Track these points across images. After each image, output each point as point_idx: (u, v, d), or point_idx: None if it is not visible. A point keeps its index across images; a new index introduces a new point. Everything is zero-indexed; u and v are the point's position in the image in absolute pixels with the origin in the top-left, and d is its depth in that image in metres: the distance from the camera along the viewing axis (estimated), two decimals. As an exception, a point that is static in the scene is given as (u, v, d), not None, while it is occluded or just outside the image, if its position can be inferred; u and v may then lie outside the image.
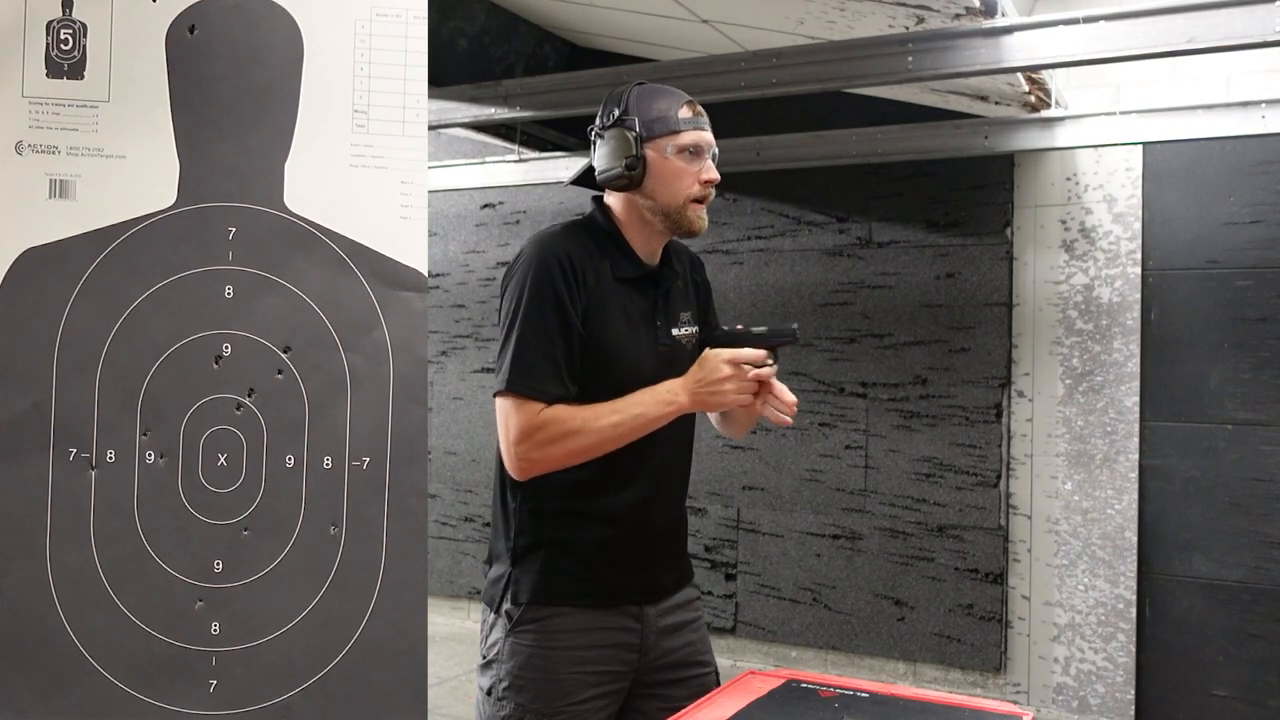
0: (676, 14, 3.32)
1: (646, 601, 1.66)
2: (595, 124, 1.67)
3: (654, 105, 1.62)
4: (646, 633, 1.65)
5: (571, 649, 1.60)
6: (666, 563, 1.71)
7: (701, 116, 1.64)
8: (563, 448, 1.54)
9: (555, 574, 1.61)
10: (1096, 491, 3.74)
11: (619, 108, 1.63)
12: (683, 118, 1.62)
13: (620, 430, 1.55)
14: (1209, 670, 3.57)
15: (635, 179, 1.61)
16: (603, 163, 1.63)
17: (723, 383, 1.55)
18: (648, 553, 1.66)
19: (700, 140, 1.62)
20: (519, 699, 1.59)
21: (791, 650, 4.22)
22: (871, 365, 4.08)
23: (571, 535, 1.62)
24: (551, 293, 1.57)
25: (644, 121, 1.61)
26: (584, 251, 1.62)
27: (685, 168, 1.61)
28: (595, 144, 1.66)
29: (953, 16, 2.74)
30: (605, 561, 1.62)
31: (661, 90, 1.65)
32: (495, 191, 4.88)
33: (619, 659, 1.63)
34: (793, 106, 3.88)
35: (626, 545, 1.63)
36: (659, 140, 1.60)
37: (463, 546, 4.94)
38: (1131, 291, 3.67)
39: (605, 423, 1.54)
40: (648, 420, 1.56)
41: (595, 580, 1.62)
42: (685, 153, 1.61)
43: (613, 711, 1.65)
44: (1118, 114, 3.47)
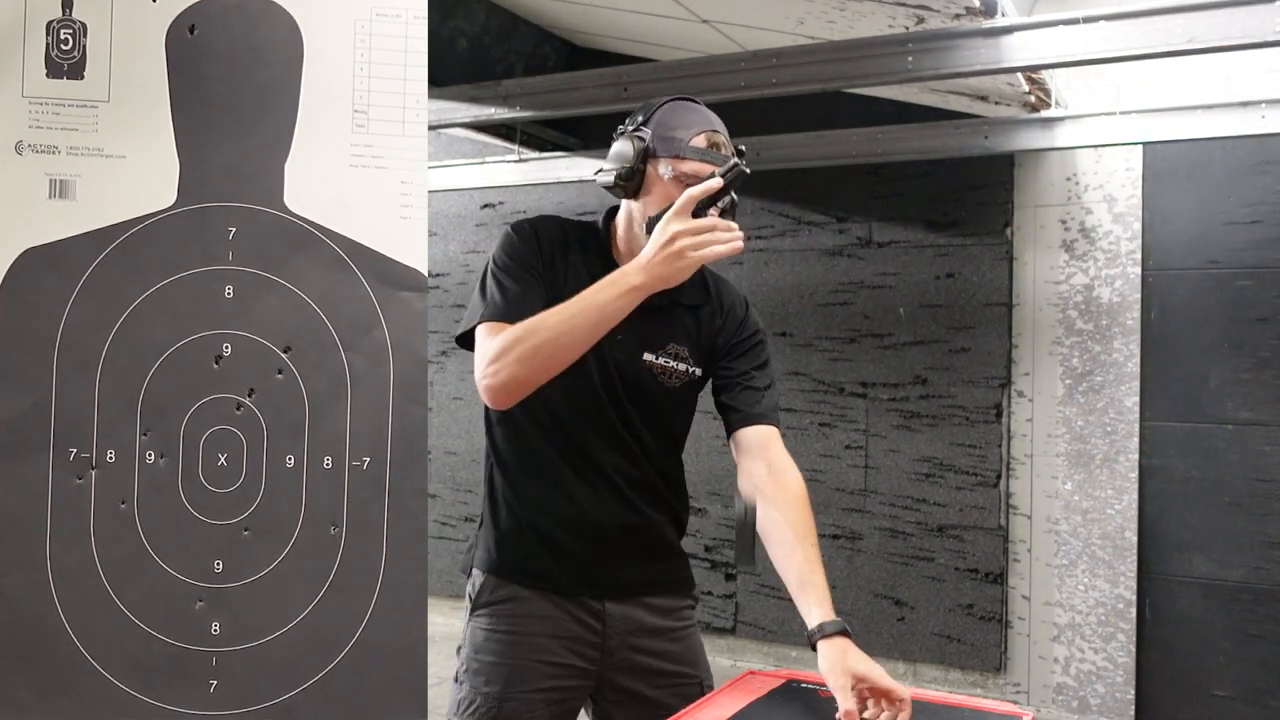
0: (676, 14, 3.32)
1: (605, 596, 1.65)
2: (621, 125, 1.66)
3: (672, 123, 1.59)
4: (609, 633, 1.64)
5: (528, 634, 1.61)
6: (627, 565, 1.67)
7: (715, 150, 1.58)
8: (519, 351, 1.47)
9: (503, 549, 1.65)
10: (1096, 491, 3.74)
11: (643, 116, 1.62)
12: (693, 145, 1.57)
13: (576, 320, 1.46)
14: (1209, 670, 3.57)
15: (629, 189, 1.60)
16: (607, 164, 1.63)
17: (671, 242, 1.43)
18: (597, 551, 1.64)
19: (700, 173, 1.55)
20: (474, 682, 1.62)
21: (791, 650, 4.22)
22: (871, 365, 4.08)
23: (525, 518, 1.64)
24: (522, 250, 1.60)
25: (656, 137, 1.58)
26: (563, 237, 1.65)
27: (676, 195, 1.56)
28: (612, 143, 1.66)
29: (953, 16, 2.74)
30: (550, 551, 1.63)
31: (689, 110, 1.61)
32: (495, 191, 4.88)
33: (578, 654, 1.63)
34: (793, 106, 3.88)
35: (572, 540, 1.63)
36: (662, 160, 1.58)
37: (463, 546, 4.93)
38: (1131, 291, 3.67)
39: (562, 315, 1.47)
40: (603, 306, 1.46)
41: (538, 567, 1.64)
42: (682, 178, 1.56)
43: (572, 708, 1.65)
44: (1118, 114, 3.47)
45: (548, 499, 1.64)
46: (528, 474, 1.65)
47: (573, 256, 1.64)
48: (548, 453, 1.63)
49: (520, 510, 1.65)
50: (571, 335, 1.47)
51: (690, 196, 1.44)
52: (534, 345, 1.47)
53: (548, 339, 1.46)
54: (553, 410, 1.61)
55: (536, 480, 1.64)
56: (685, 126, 1.59)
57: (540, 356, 1.47)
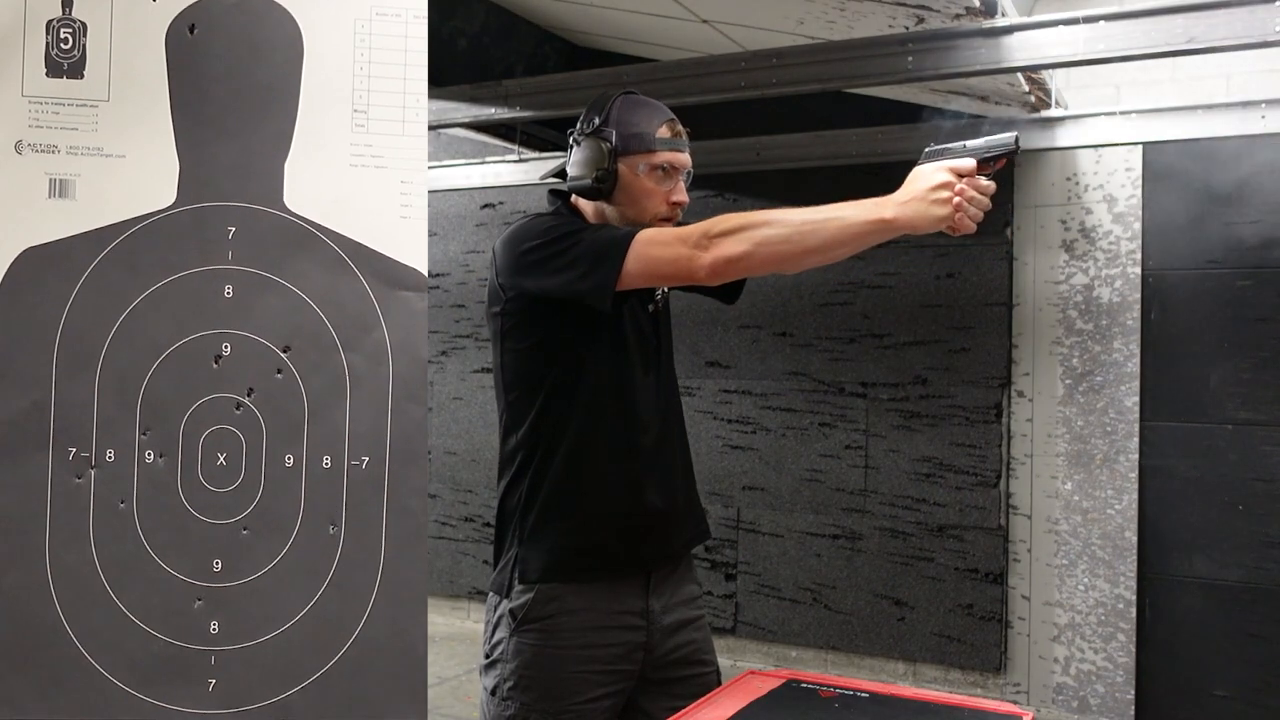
0: (676, 14, 3.32)
1: (655, 568, 1.65)
2: (575, 128, 1.68)
3: (634, 120, 1.62)
4: (652, 631, 1.65)
5: (578, 648, 1.60)
6: (675, 529, 1.70)
7: (680, 138, 1.63)
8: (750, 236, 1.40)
9: (564, 550, 1.61)
10: (1096, 491, 3.74)
11: (600, 116, 1.64)
12: (659, 137, 1.61)
13: (818, 227, 1.39)
14: (1209, 670, 3.56)
15: (604, 191, 1.61)
16: (575, 170, 1.65)
17: (939, 190, 1.38)
18: (656, 523, 1.66)
19: (674, 161, 1.62)
20: (524, 698, 1.59)
21: (791, 650, 4.22)
22: (871, 365, 4.08)
23: (577, 510, 1.61)
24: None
25: (621, 135, 1.61)
26: None
27: (655, 188, 1.62)
28: (571, 148, 1.68)
29: (953, 16, 2.74)
30: (614, 534, 1.62)
31: (644, 104, 1.65)
32: (495, 191, 4.88)
33: (627, 658, 1.63)
34: (793, 106, 3.88)
35: (634, 518, 1.63)
36: (633, 157, 1.60)
37: (463, 546, 4.94)
38: (1131, 291, 3.67)
39: (804, 216, 1.40)
40: (847, 226, 1.39)
41: (605, 554, 1.62)
42: (657, 172, 1.61)
43: (618, 710, 1.65)
44: (1118, 114, 3.47)
45: (611, 484, 1.62)
46: (580, 466, 1.61)
47: None
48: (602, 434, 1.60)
49: (570, 507, 1.61)
50: (810, 239, 1.40)
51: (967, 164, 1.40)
52: (774, 233, 1.40)
53: (789, 233, 1.40)
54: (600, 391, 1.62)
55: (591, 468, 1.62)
56: (648, 120, 1.62)
57: (775, 244, 1.41)
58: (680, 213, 1.66)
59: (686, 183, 1.65)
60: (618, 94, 1.66)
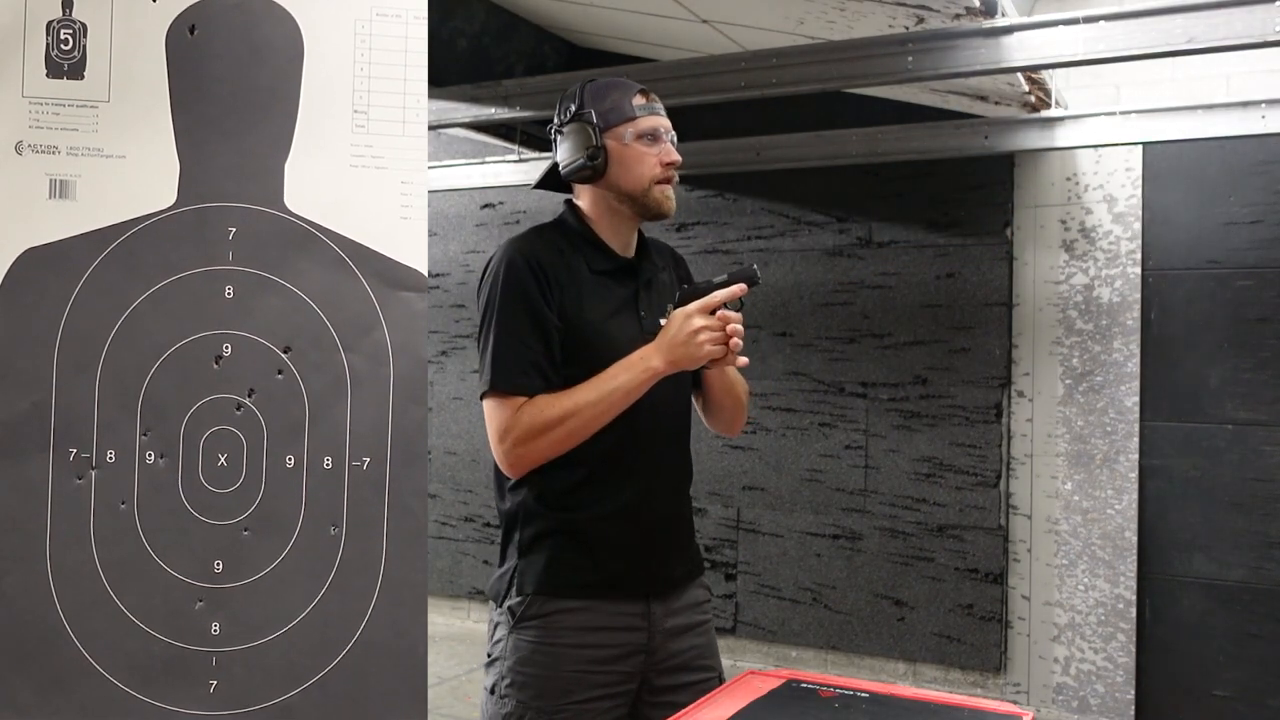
0: (676, 14, 3.32)
1: (655, 595, 1.65)
2: (553, 123, 1.70)
3: (608, 96, 1.66)
4: (654, 633, 1.65)
5: (576, 647, 1.59)
6: (675, 553, 1.70)
7: (655, 102, 1.69)
8: (548, 438, 1.56)
9: (561, 565, 1.61)
10: (1096, 491, 3.74)
11: (575, 103, 1.67)
12: (637, 105, 1.66)
13: (600, 407, 1.55)
14: (1209, 670, 3.57)
15: (598, 169, 1.64)
16: (566, 157, 1.67)
17: (695, 334, 1.54)
18: (654, 543, 1.66)
19: (657, 124, 1.67)
20: (520, 696, 1.59)
21: (791, 650, 4.23)
22: (871, 365, 4.08)
23: (577, 527, 1.62)
24: (521, 292, 1.60)
25: (600, 113, 1.65)
26: (554, 250, 1.65)
27: (646, 151, 1.65)
28: (556, 141, 1.70)
29: (953, 16, 2.74)
30: (612, 553, 1.62)
31: (612, 82, 1.69)
32: (495, 191, 4.88)
33: (626, 660, 1.62)
34: (793, 106, 3.88)
35: (632, 536, 1.63)
36: (617, 128, 1.64)
37: (463, 546, 4.94)
38: (1131, 291, 3.67)
39: (584, 401, 1.55)
40: (627, 390, 1.56)
41: (602, 572, 1.62)
42: (644, 138, 1.65)
43: (619, 715, 1.64)
44: (1118, 114, 3.47)
45: (613, 496, 1.63)
46: (582, 481, 1.62)
47: (571, 259, 1.66)
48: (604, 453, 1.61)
49: (570, 523, 1.62)
50: (597, 420, 1.56)
51: (715, 298, 1.56)
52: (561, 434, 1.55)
53: (574, 427, 1.55)
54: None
55: (594, 484, 1.63)
56: (621, 94, 1.67)
57: (565, 440, 1.56)
58: (674, 172, 1.68)
59: (673, 144, 1.69)
60: (583, 82, 1.70)
